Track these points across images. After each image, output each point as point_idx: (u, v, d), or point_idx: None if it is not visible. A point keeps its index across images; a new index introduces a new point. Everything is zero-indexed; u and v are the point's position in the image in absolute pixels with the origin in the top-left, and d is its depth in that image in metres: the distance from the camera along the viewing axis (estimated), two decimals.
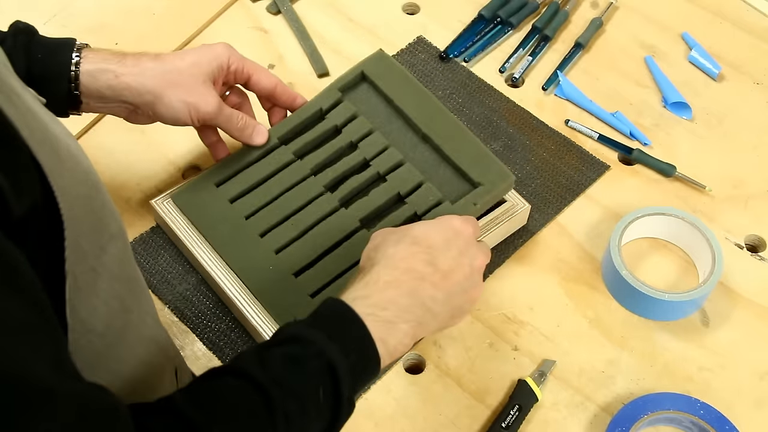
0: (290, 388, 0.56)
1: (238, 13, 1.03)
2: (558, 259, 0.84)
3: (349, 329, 0.60)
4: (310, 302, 0.75)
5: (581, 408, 0.75)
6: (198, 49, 0.79)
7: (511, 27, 1.02)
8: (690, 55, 1.00)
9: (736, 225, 0.87)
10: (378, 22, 1.03)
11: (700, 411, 0.72)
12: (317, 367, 0.57)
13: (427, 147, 0.83)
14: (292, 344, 0.58)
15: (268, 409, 0.54)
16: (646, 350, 0.78)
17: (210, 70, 0.78)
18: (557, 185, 0.89)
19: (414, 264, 0.65)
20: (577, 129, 0.94)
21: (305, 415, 0.56)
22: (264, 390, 0.54)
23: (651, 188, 0.89)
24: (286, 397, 0.55)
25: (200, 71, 0.77)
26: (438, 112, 0.84)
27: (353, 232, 0.79)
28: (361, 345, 0.60)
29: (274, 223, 0.80)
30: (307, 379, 0.57)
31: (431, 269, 0.65)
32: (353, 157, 0.83)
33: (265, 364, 0.56)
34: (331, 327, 0.60)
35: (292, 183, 0.82)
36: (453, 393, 0.75)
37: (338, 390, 0.58)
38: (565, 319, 0.80)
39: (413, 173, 0.81)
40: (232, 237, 0.79)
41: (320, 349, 0.58)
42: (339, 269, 0.77)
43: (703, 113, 0.96)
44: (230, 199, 0.81)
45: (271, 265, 0.78)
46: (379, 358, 0.61)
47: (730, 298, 0.82)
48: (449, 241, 0.67)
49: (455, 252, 0.67)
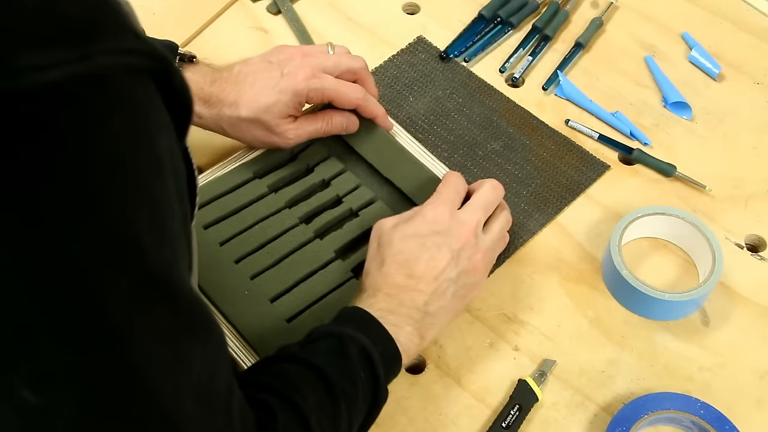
0: (340, 371, 0.61)
1: (238, 13, 1.03)
2: (558, 259, 0.84)
3: (370, 326, 0.66)
4: (287, 327, 0.75)
5: (581, 408, 0.75)
6: (276, 81, 0.80)
7: (511, 27, 1.02)
8: (690, 55, 1.00)
9: (736, 225, 0.87)
10: (378, 22, 1.03)
11: (701, 411, 0.72)
12: (355, 353, 0.62)
13: (392, 189, 0.85)
14: (327, 338, 0.63)
15: (329, 387, 0.59)
16: (646, 350, 0.78)
17: (286, 111, 0.81)
18: (557, 185, 0.89)
19: (397, 280, 0.70)
20: (577, 129, 0.94)
21: (357, 395, 0.61)
22: (321, 371, 0.60)
23: (651, 188, 0.89)
24: (340, 377, 0.60)
25: (275, 114, 0.80)
26: (397, 155, 0.86)
27: (329, 262, 0.80)
28: (384, 340, 0.65)
29: (250, 251, 0.80)
30: (350, 363, 0.62)
31: (413, 281, 0.70)
32: (326, 194, 0.84)
33: (312, 353, 0.61)
34: (356, 324, 0.65)
35: (267, 214, 0.82)
36: (453, 393, 0.75)
37: (376, 373, 0.63)
38: (565, 319, 0.80)
39: (384, 210, 0.83)
40: (206, 262, 0.79)
41: (353, 338, 0.63)
42: (316, 296, 0.77)
43: (703, 113, 0.96)
44: (204, 226, 0.81)
45: (246, 290, 0.77)
46: (400, 354, 0.66)
47: (730, 297, 0.82)
48: (424, 244, 0.71)
49: (432, 251, 0.70)
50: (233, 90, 0.80)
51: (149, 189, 0.42)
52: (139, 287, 0.41)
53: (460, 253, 0.71)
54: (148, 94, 0.41)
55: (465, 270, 0.72)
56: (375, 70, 0.98)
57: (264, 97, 0.79)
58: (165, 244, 0.43)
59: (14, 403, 0.40)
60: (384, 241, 0.72)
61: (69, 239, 0.38)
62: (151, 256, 0.42)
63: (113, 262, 0.40)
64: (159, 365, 0.43)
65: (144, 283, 0.42)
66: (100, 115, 0.38)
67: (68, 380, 0.41)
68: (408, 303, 0.69)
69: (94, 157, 0.38)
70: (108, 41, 0.39)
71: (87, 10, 0.38)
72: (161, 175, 0.43)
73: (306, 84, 0.80)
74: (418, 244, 0.71)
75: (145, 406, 0.43)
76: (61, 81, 0.36)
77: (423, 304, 0.69)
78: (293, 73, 0.80)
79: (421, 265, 0.70)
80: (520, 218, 0.86)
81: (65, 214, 0.38)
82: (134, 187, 0.41)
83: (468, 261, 0.72)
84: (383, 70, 0.98)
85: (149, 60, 0.41)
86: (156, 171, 0.42)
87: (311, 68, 0.81)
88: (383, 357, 0.64)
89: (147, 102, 0.41)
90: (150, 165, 0.42)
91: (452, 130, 0.93)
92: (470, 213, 0.73)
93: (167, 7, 1.02)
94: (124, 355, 0.42)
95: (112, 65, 0.39)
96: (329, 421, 0.59)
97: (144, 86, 0.41)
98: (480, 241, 0.73)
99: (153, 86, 0.42)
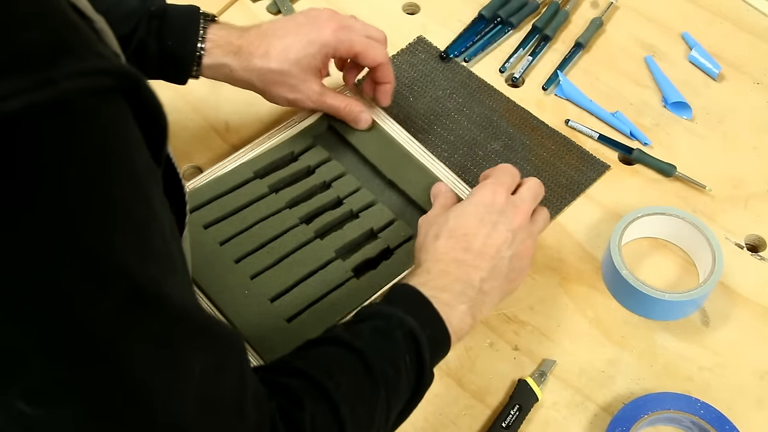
0: (383, 354, 0.60)
1: (238, 13, 1.03)
2: (558, 259, 0.84)
3: (421, 308, 0.65)
4: (287, 327, 0.75)
5: (581, 408, 0.75)
6: (307, 34, 0.82)
7: (511, 27, 1.02)
8: (690, 55, 1.00)
9: (736, 225, 0.87)
10: (378, 22, 1.02)
11: (701, 411, 0.72)
12: (401, 336, 0.62)
13: (394, 191, 0.85)
14: (375, 319, 0.63)
15: (369, 371, 0.58)
16: (646, 350, 0.78)
17: (315, 64, 0.83)
18: (557, 185, 0.89)
19: (454, 255, 0.69)
20: (577, 129, 0.94)
21: (399, 380, 0.60)
22: (362, 355, 0.59)
23: (651, 188, 0.89)
24: (382, 361, 0.59)
25: (304, 67, 0.82)
26: (401, 158, 0.86)
27: (329, 262, 0.79)
28: (434, 322, 0.65)
29: (250, 250, 0.80)
30: (395, 346, 0.61)
31: (470, 255, 0.69)
32: (327, 195, 0.84)
33: (356, 335, 0.61)
34: (406, 305, 0.65)
35: (268, 213, 0.82)
36: (453, 393, 0.75)
37: (421, 357, 0.62)
38: (565, 319, 0.80)
39: (385, 212, 0.83)
40: (206, 262, 0.79)
41: (401, 320, 0.62)
42: (315, 295, 0.77)
43: (703, 113, 0.96)
44: (204, 225, 0.81)
45: (246, 290, 0.77)
46: (449, 335, 0.65)
47: (730, 298, 0.82)
48: (482, 220, 0.71)
49: (488, 228, 0.71)
50: (263, 43, 0.81)
51: (129, 208, 0.42)
52: (127, 305, 0.41)
53: (516, 234, 0.71)
54: (119, 113, 0.41)
55: (518, 252, 0.71)
56: None
57: (294, 49, 0.81)
58: (151, 260, 0.43)
59: (11, 415, 0.41)
60: (437, 221, 0.72)
61: (51, 265, 0.39)
62: (136, 274, 0.42)
63: (98, 284, 0.40)
64: (158, 373, 0.43)
65: (132, 301, 0.42)
66: (66, 139, 0.38)
67: (64, 394, 0.41)
68: (464, 278, 0.68)
69: (66, 182, 0.38)
70: (70, 65, 0.38)
71: (46, 36, 0.38)
72: (141, 192, 0.43)
73: (335, 35, 0.82)
74: (476, 219, 0.71)
75: (147, 414, 0.43)
76: (19, 110, 0.36)
77: (479, 281, 0.68)
78: (322, 26, 0.82)
79: (478, 240, 0.70)
80: None
81: (45, 241, 0.38)
82: (113, 207, 0.41)
83: (522, 243, 0.72)
84: None
85: (116, 78, 0.41)
86: (134, 188, 0.42)
87: (339, 22, 0.83)
88: (431, 340, 0.63)
89: (118, 121, 0.41)
90: (127, 183, 0.42)
91: (452, 130, 0.93)
92: (524, 199, 0.74)
93: None
94: (119, 368, 0.42)
95: (76, 88, 0.38)
96: (366, 409, 0.58)
97: (113, 106, 0.41)
98: (531, 226, 0.74)
99: (124, 104, 0.42)
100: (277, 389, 0.54)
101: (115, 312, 0.41)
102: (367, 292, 0.77)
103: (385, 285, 0.77)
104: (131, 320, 0.42)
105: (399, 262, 0.79)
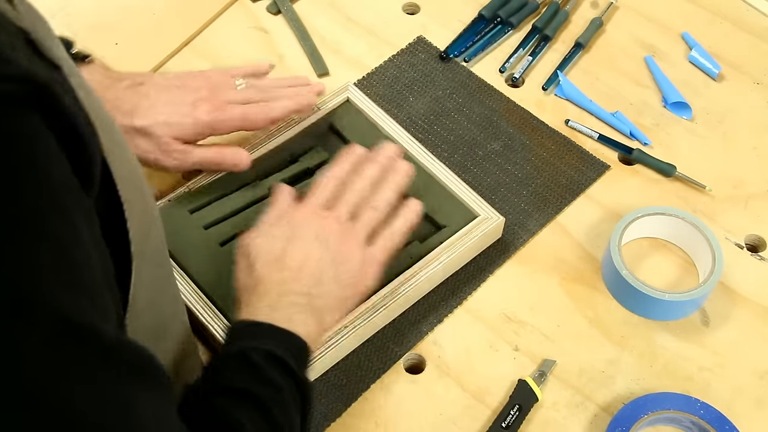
0: (258, 382, 0.58)
1: (238, 13, 1.03)
2: (558, 259, 0.84)
3: (262, 331, 0.63)
4: None
5: (581, 408, 0.75)
6: (181, 106, 0.78)
7: (511, 27, 1.02)
8: (690, 55, 1.00)
9: (736, 225, 0.87)
10: (378, 22, 1.03)
11: (700, 411, 0.72)
12: (262, 360, 0.59)
13: None
14: (230, 360, 0.60)
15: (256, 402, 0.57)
16: (646, 350, 0.78)
17: (181, 135, 0.78)
18: (557, 185, 0.89)
19: (272, 279, 0.68)
20: (577, 129, 0.94)
21: (284, 398, 0.59)
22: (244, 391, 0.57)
23: (651, 188, 0.89)
24: (262, 388, 0.58)
25: (168, 133, 0.78)
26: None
27: None
28: (282, 336, 0.63)
29: None
30: (262, 371, 0.59)
31: (288, 273, 0.68)
32: None
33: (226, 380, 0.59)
34: (249, 336, 0.63)
35: None
36: (453, 393, 0.75)
37: (290, 370, 0.60)
38: (565, 319, 0.80)
39: None
40: (206, 263, 0.79)
41: (253, 348, 0.60)
42: None
43: (703, 113, 0.96)
44: (204, 226, 0.81)
45: None
46: (304, 341, 0.63)
47: (730, 298, 0.82)
48: (288, 238, 0.70)
49: (299, 242, 0.70)
50: (130, 100, 0.78)
51: (44, 223, 0.38)
52: (56, 338, 0.38)
53: (329, 240, 0.71)
54: (25, 122, 0.38)
55: (340, 256, 0.70)
56: (375, 70, 0.98)
57: (164, 113, 0.77)
58: (77, 289, 0.40)
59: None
60: (249, 251, 0.71)
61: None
62: (62, 304, 0.39)
63: (21, 318, 0.37)
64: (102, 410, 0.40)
65: (61, 334, 0.38)
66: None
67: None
68: (289, 293, 0.67)
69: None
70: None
71: None
72: (59, 209, 0.39)
73: (211, 117, 0.79)
74: (284, 237, 0.70)
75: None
76: None
77: (305, 290, 0.67)
78: (197, 102, 0.79)
79: (292, 256, 0.69)
80: (520, 218, 0.86)
81: None
82: (28, 232, 0.37)
83: (339, 247, 0.71)
84: (383, 70, 0.98)
85: (20, 84, 0.37)
86: (51, 203, 0.39)
87: (213, 103, 0.79)
88: (289, 352, 0.62)
89: (23, 131, 0.38)
90: (40, 197, 0.38)
91: (452, 130, 0.93)
92: (332, 207, 0.73)
93: (167, 7, 1.02)
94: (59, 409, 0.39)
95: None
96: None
97: (18, 114, 0.37)
98: (349, 229, 0.72)
99: (33, 114, 0.38)
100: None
101: (44, 346, 0.38)
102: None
103: (380, 289, 0.77)
104: (65, 354, 0.39)
105: (397, 266, 0.79)
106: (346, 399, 0.75)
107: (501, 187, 0.88)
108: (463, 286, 0.82)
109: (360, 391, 0.75)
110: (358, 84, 0.96)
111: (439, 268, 0.79)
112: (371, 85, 0.96)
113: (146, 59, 0.97)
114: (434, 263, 0.79)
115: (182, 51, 0.99)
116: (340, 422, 0.74)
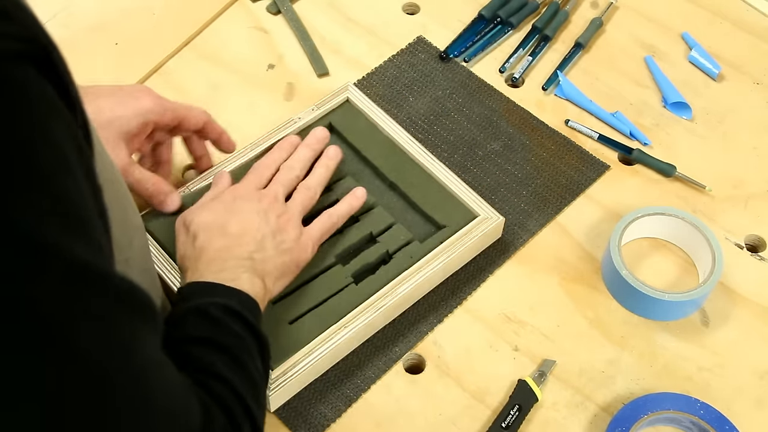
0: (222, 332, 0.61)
1: (238, 13, 1.03)
2: (558, 259, 0.84)
3: (215, 290, 0.66)
4: (289, 329, 0.75)
5: (581, 408, 0.75)
6: (122, 98, 0.77)
7: (511, 27, 1.02)
8: (690, 55, 1.00)
9: (736, 225, 0.87)
10: (378, 22, 1.03)
11: (700, 411, 0.72)
12: (221, 314, 0.62)
13: (395, 194, 0.85)
14: (188, 316, 0.63)
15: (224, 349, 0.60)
16: (646, 350, 0.78)
17: (127, 130, 0.76)
18: (557, 185, 0.89)
19: (215, 245, 0.71)
20: (577, 129, 0.94)
21: (247, 345, 0.62)
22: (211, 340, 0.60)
23: (651, 188, 0.89)
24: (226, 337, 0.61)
25: (113, 132, 0.76)
26: (403, 160, 0.86)
27: (329, 267, 0.79)
28: (232, 293, 0.66)
29: None
30: (223, 324, 0.62)
31: (231, 238, 0.71)
32: (326, 197, 0.83)
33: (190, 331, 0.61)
34: (201, 294, 0.66)
35: None
36: (453, 393, 0.76)
37: (248, 322, 0.63)
38: (565, 319, 0.80)
39: (384, 216, 0.83)
40: None
41: (210, 303, 0.63)
42: (317, 299, 0.77)
43: (703, 113, 0.96)
44: None
45: None
46: (253, 299, 0.67)
47: (730, 298, 0.82)
48: (230, 209, 0.74)
49: (240, 214, 0.73)
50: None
51: (53, 182, 0.40)
52: (62, 284, 0.40)
53: (267, 213, 0.74)
54: (30, 77, 0.39)
55: (278, 227, 0.74)
56: (375, 70, 0.98)
57: (107, 110, 0.75)
58: (82, 236, 0.41)
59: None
60: (189, 220, 0.73)
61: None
62: (67, 250, 0.40)
63: (29, 264, 0.38)
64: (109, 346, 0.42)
65: (69, 281, 0.40)
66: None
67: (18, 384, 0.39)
68: (234, 256, 0.69)
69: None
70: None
71: None
72: (65, 165, 0.40)
73: (155, 102, 0.78)
74: (224, 209, 0.74)
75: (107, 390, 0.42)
76: None
77: (248, 254, 0.70)
78: (140, 96, 0.78)
79: (233, 225, 0.72)
80: (520, 218, 0.86)
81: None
82: (35, 182, 0.39)
83: (277, 219, 0.74)
84: (383, 70, 0.98)
85: (23, 42, 0.38)
86: (57, 162, 0.40)
87: (157, 96, 0.79)
88: (242, 306, 0.65)
89: (29, 86, 0.39)
90: (48, 157, 0.39)
91: (452, 130, 0.93)
92: (269, 186, 0.78)
93: (167, 7, 1.02)
94: (68, 345, 0.40)
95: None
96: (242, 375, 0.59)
97: (22, 70, 0.38)
98: (284, 205, 0.76)
99: (33, 70, 0.39)
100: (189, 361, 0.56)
101: (54, 289, 0.39)
102: (365, 297, 0.77)
103: (380, 288, 0.77)
104: (73, 295, 0.40)
105: (397, 266, 0.79)
106: (346, 399, 0.75)
107: (501, 187, 0.88)
108: (463, 286, 0.82)
109: (360, 391, 0.75)
110: (358, 84, 0.96)
111: (439, 268, 0.79)
112: (371, 85, 0.96)
113: (146, 59, 0.97)
114: (434, 263, 0.79)
115: (182, 51, 0.99)
116: (340, 422, 0.74)
